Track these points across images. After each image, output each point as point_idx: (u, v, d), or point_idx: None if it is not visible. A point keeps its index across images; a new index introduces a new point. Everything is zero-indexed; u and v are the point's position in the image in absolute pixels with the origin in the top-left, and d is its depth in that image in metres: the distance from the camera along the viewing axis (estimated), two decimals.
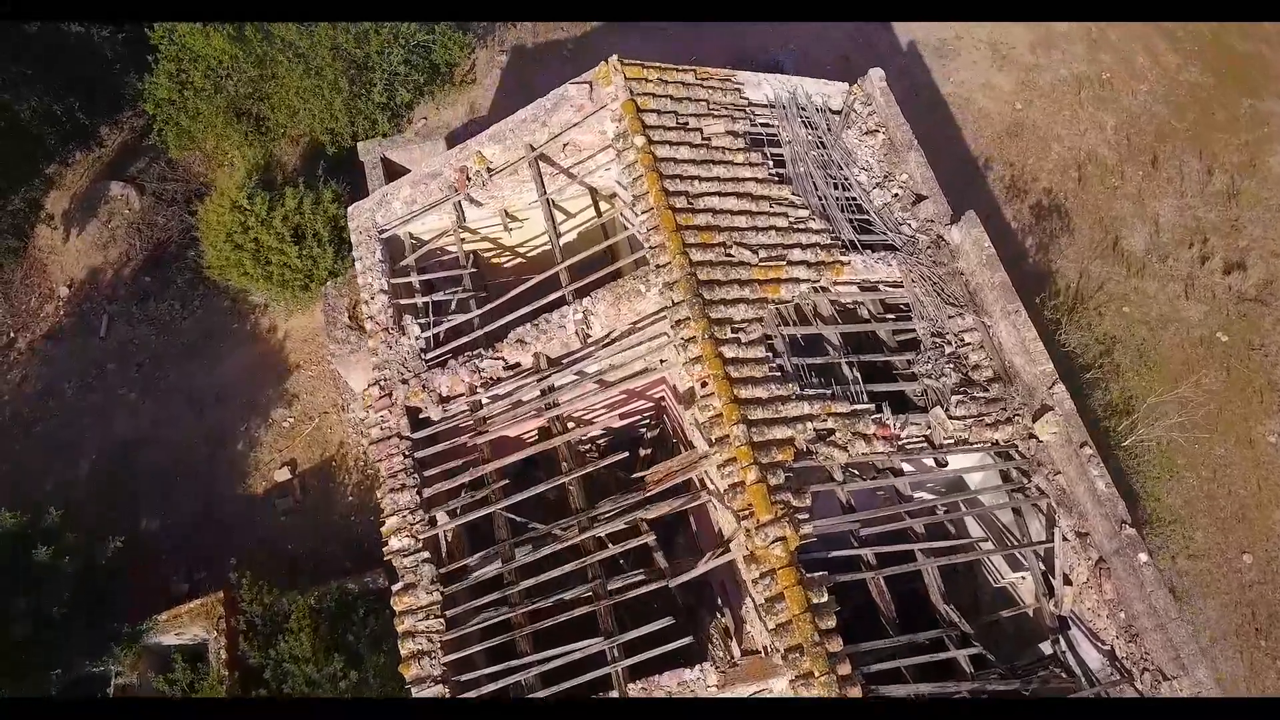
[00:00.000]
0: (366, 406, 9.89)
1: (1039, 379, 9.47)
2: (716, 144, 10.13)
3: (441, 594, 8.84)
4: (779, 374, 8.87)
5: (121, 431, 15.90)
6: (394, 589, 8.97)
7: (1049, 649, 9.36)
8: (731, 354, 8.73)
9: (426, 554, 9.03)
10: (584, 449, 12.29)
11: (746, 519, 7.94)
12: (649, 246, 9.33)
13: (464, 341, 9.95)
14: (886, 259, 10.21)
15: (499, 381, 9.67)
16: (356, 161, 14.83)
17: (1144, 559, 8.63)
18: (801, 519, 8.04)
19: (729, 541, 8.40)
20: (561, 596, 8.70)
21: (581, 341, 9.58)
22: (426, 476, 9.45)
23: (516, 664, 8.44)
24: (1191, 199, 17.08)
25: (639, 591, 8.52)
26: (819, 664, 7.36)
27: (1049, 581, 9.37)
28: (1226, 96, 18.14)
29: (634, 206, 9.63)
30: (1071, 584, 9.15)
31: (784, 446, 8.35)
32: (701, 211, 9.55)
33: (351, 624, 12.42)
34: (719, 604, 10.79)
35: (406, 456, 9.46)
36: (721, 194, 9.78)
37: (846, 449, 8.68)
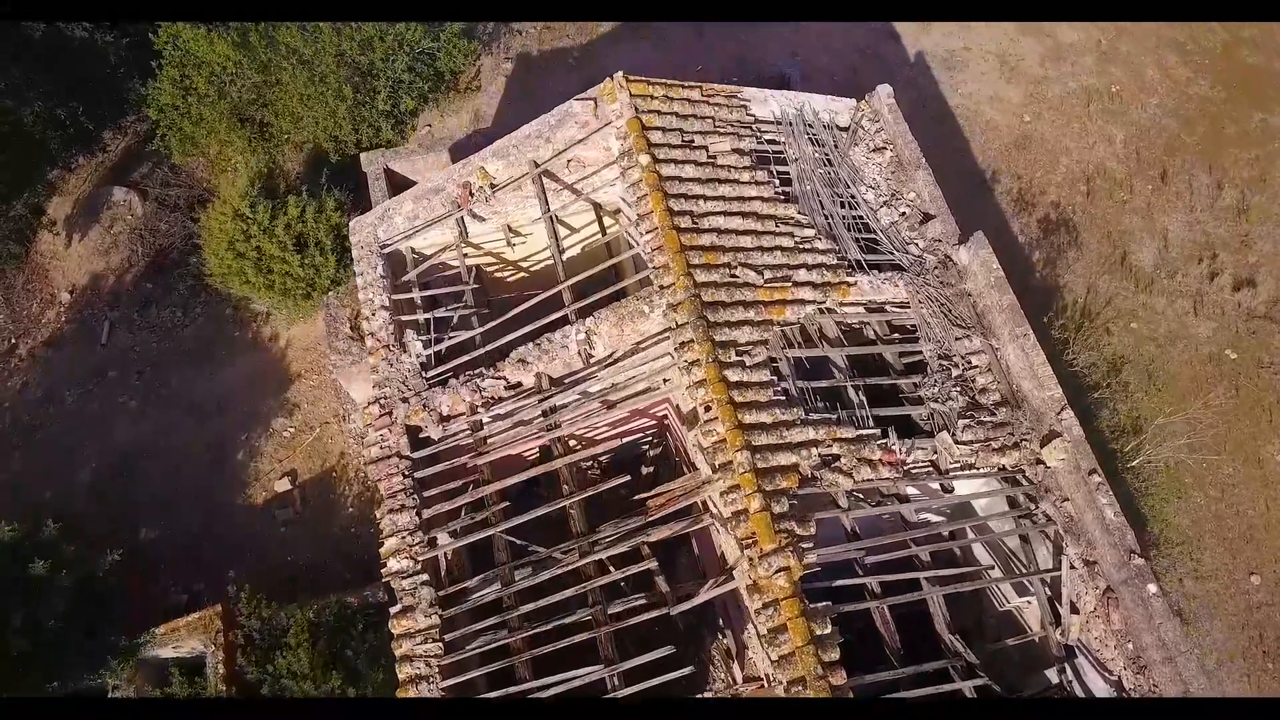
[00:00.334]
0: (366, 425, 9.79)
1: (1047, 404, 9.35)
2: (722, 162, 10.01)
3: (440, 617, 8.75)
4: (784, 398, 8.75)
5: (122, 440, 15.84)
6: (392, 611, 8.88)
7: (1055, 677, 9.24)
8: (736, 377, 8.61)
9: (425, 576, 8.94)
10: (585, 465, 12.18)
11: (749, 548, 7.83)
12: (653, 267, 9.22)
13: (465, 360, 9.85)
14: (893, 279, 10.08)
15: (500, 401, 9.57)
16: (360, 169, 14.76)
17: (1153, 590, 8.50)
18: (805, 548, 7.93)
19: (731, 569, 8.28)
20: (562, 621, 8.59)
21: (584, 362, 9.48)
22: (426, 497, 9.35)
23: (515, 690, 8.35)
24: (1201, 214, 16.93)
25: (640, 619, 8.40)
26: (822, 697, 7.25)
27: (1055, 609, 9.25)
28: (1237, 110, 17.98)
29: (638, 225, 9.52)
30: (1079, 612, 9.03)
31: (788, 473, 8.24)
32: (706, 231, 9.44)
33: (350, 639, 12.34)
34: (721, 624, 10.69)
35: (406, 476, 9.37)
36: (727, 213, 9.66)
37: (851, 475, 8.57)
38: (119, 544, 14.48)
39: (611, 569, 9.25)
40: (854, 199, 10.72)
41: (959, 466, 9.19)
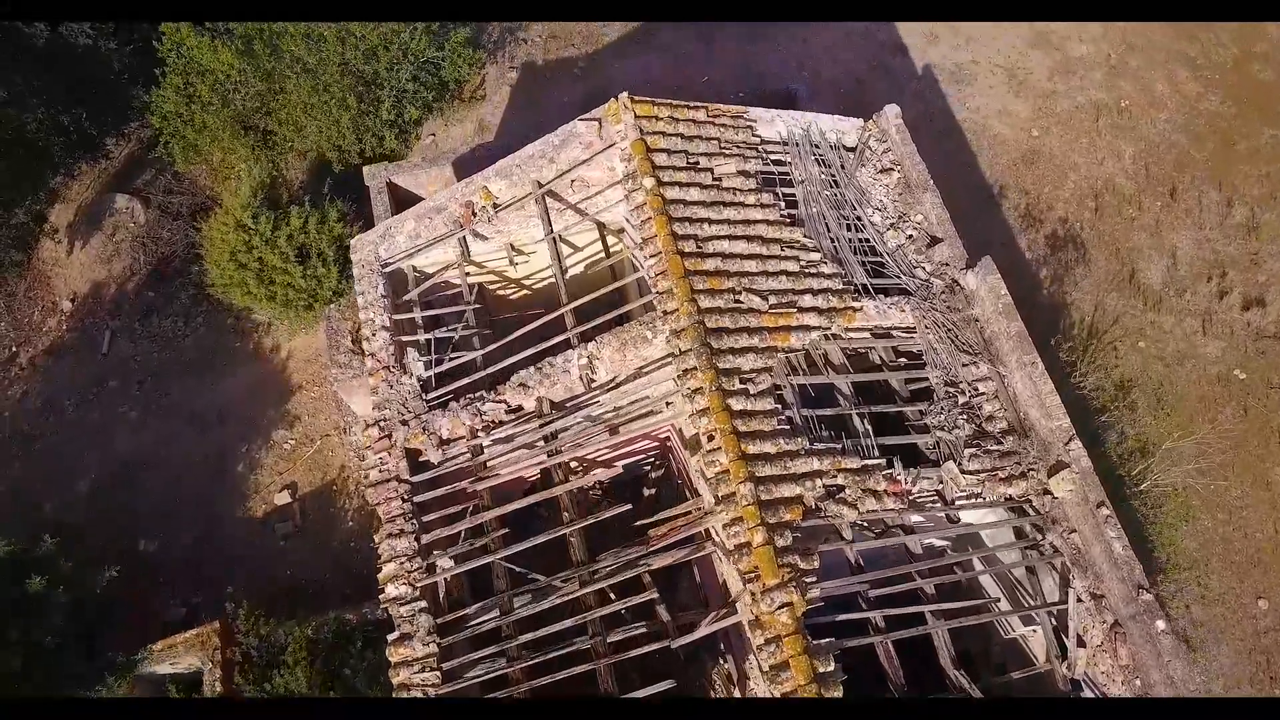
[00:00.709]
0: (365, 447, 9.69)
1: (1055, 434, 9.21)
2: (727, 184, 9.89)
3: (438, 645, 8.64)
4: (788, 427, 8.63)
5: (122, 450, 15.76)
6: (389, 639, 8.78)
7: None
8: (739, 406, 8.50)
9: (424, 603, 8.83)
10: (587, 487, 12.06)
11: (752, 582, 7.71)
12: (656, 292, 9.11)
13: (466, 383, 9.74)
14: (900, 304, 9.96)
15: (500, 425, 9.46)
16: (364, 179, 14.68)
17: (1162, 626, 8.37)
18: (809, 582, 7.81)
19: (734, 601, 8.16)
20: (561, 652, 8.48)
21: (585, 386, 9.37)
22: (425, 521, 9.25)
23: None
24: (1210, 231, 16.77)
25: (640, 651, 8.28)
26: None
27: (1062, 641, 9.13)
28: (1247, 126, 17.82)
29: (642, 248, 9.41)
30: (1085, 646, 8.90)
31: (792, 505, 8.12)
32: (711, 256, 9.32)
33: (349, 657, 12.25)
34: (722, 648, 10.58)
35: (405, 500, 9.27)
36: (732, 237, 9.54)
37: (856, 506, 8.45)
38: (118, 556, 14.48)
39: (612, 595, 9.16)
40: (860, 221, 10.60)
41: (965, 496, 9.07)
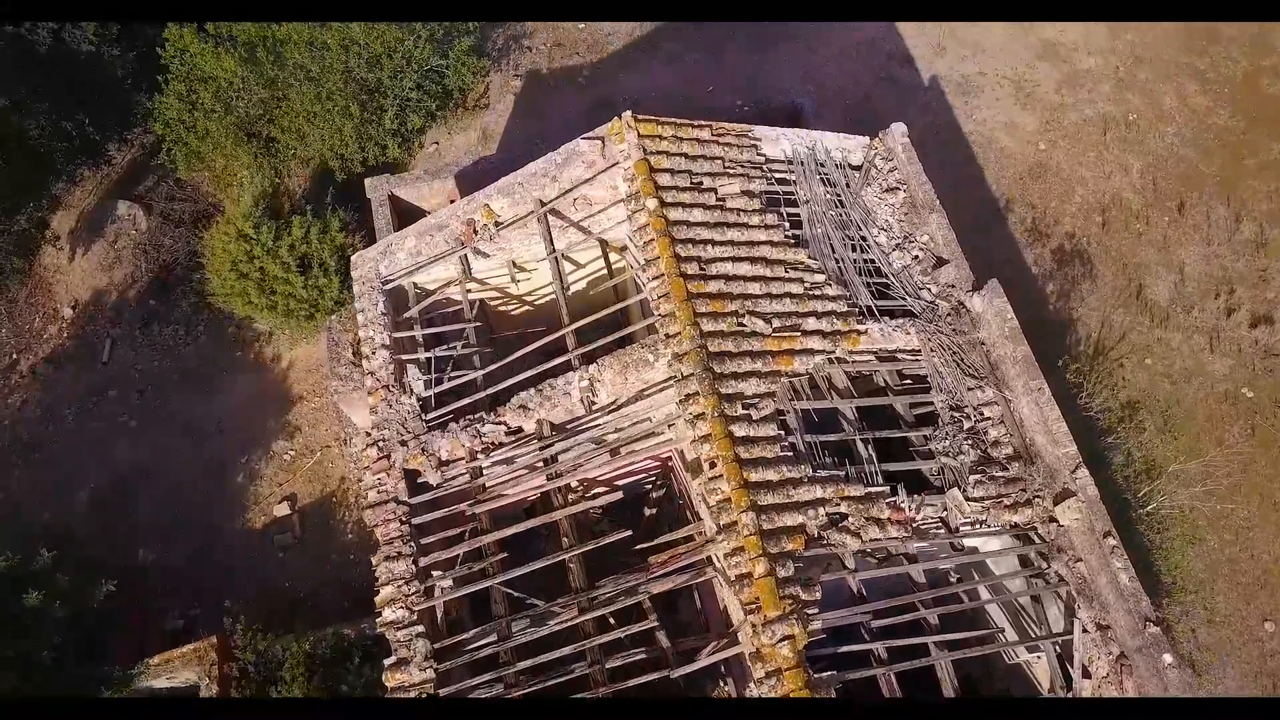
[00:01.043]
0: (364, 468, 9.60)
1: (1061, 461, 9.10)
2: (731, 205, 9.79)
3: (435, 671, 8.54)
4: (791, 453, 8.52)
5: (122, 459, 15.69)
6: (386, 664, 8.68)
7: None
8: (742, 432, 8.39)
9: (421, 628, 8.73)
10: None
11: (753, 613, 7.61)
12: (659, 315, 9.01)
13: (466, 403, 9.65)
14: (905, 326, 9.85)
15: (500, 447, 9.37)
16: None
17: (1169, 660, 8.25)
18: (810, 614, 7.70)
19: (735, 631, 8.06)
20: (560, 680, 8.38)
21: (586, 409, 9.27)
22: (424, 544, 9.16)
23: None
24: (1219, 247, 16.63)
25: (640, 680, 8.18)
26: None
27: (1066, 670, 9.01)
28: (1257, 141, 17.66)
29: (645, 270, 9.31)
30: (1090, 677, 8.78)
31: (794, 535, 8.02)
32: (714, 278, 9.22)
33: (347, 673, 12.17)
34: (723, 670, 10.48)
35: (403, 523, 9.17)
36: (735, 259, 9.44)
37: (859, 535, 8.34)
38: (117, 566, 14.44)
39: (612, 620, 9.06)
40: (865, 241, 10.49)
41: (970, 524, 8.96)
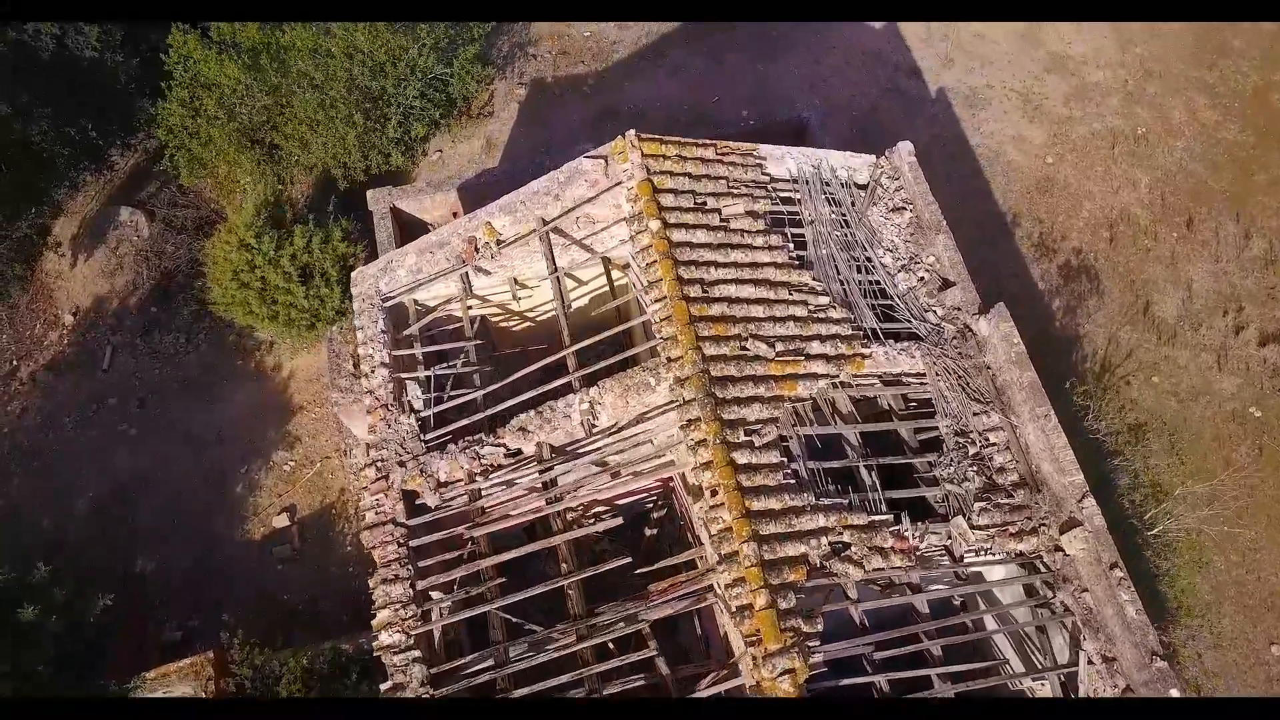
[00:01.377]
0: (362, 488, 9.51)
1: (1068, 490, 8.98)
2: (735, 226, 9.68)
3: (432, 698, 8.45)
4: (794, 481, 8.41)
5: (121, 468, 15.63)
6: (382, 689, 8.59)
7: None
8: (744, 460, 8.28)
9: (418, 652, 8.63)
10: (588, 524, 11.86)
11: (754, 646, 7.50)
12: (661, 338, 8.90)
13: (466, 423, 9.55)
14: (910, 349, 9.73)
15: (500, 469, 9.27)
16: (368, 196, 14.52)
17: (1176, 695, 8.13)
18: (812, 646, 7.60)
19: (735, 662, 7.96)
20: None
21: (587, 432, 9.16)
22: (421, 567, 9.06)
23: None
24: (1227, 264, 16.48)
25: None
26: None
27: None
28: (1267, 157, 17.51)
29: (647, 291, 9.20)
30: None
31: (796, 565, 7.91)
32: (717, 301, 9.11)
33: (344, 688, 12.09)
34: (724, 694, 10.37)
35: (401, 545, 9.07)
36: (739, 281, 9.33)
37: (862, 565, 8.23)
38: (115, 577, 14.40)
39: (611, 646, 8.96)
40: (870, 262, 10.38)
41: (974, 552, 8.85)
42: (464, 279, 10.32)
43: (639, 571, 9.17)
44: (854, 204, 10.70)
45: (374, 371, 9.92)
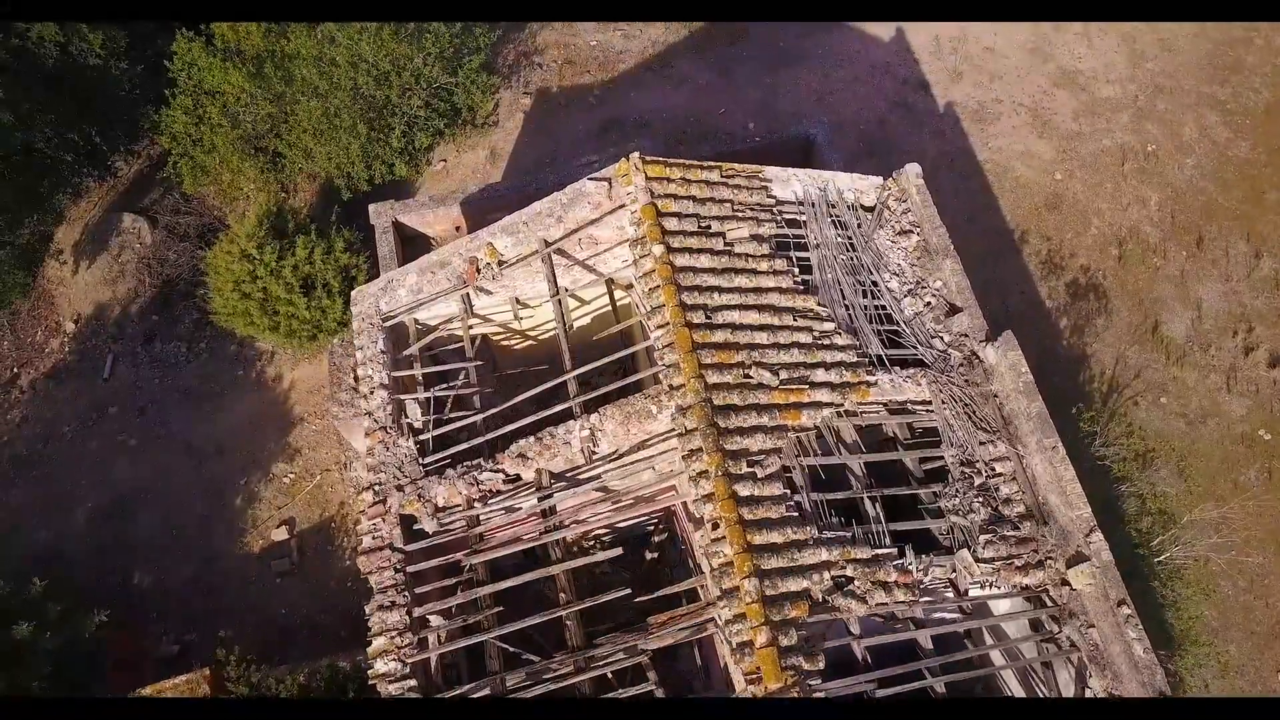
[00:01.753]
0: (360, 512, 9.40)
1: (1075, 524, 8.83)
2: (740, 250, 9.55)
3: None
4: (796, 513, 8.28)
5: (120, 479, 15.54)
6: None
7: None
8: (746, 492, 8.16)
9: (414, 681, 8.52)
10: (588, 544, 11.76)
11: (754, 684, 7.37)
12: (663, 365, 8.78)
13: (466, 447, 9.43)
14: (915, 376, 9.59)
15: (499, 495, 9.16)
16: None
17: None
18: (813, 684, 7.47)
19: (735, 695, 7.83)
20: None
21: (587, 459, 9.04)
22: (418, 593, 8.95)
23: None
24: (1238, 284, 16.31)
25: None
26: None
27: None
28: (1278, 175, 17.33)
29: (650, 317, 9.08)
30: None
31: (798, 601, 7.78)
32: (720, 327, 8.98)
33: None
34: None
35: (398, 571, 8.96)
36: (743, 307, 9.20)
37: (865, 600, 8.10)
38: (112, 588, 14.31)
39: (610, 674, 8.84)
40: (876, 287, 10.24)
41: (979, 586, 8.71)
42: (465, 299, 10.20)
43: (638, 600, 9.04)
44: (860, 227, 10.57)
45: (373, 393, 9.81)
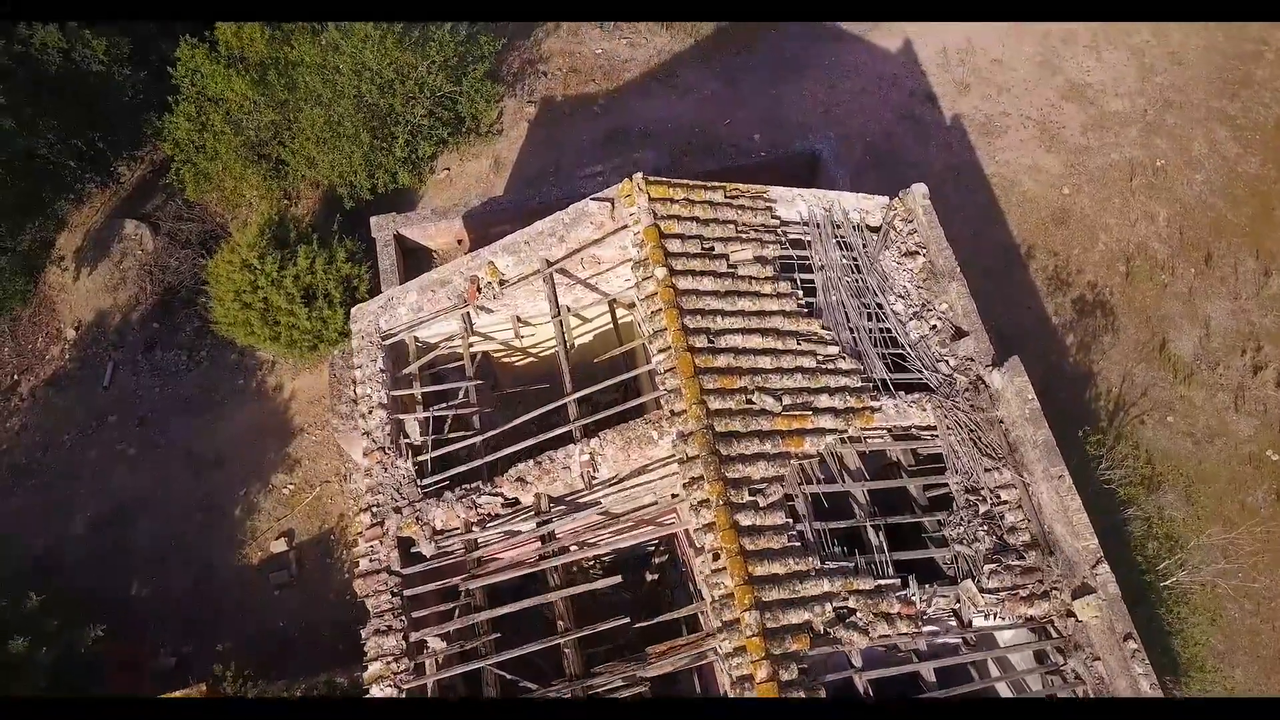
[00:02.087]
0: (357, 534, 9.30)
1: (1081, 554, 8.71)
2: (743, 272, 9.43)
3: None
4: (799, 543, 8.17)
5: (119, 489, 15.47)
6: None
7: None
8: (748, 521, 8.05)
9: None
10: (587, 564, 11.65)
11: None
12: (665, 389, 8.67)
13: (465, 469, 9.34)
14: (920, 401, 9.47)
15: (497, 518, 9.06)
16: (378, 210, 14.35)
17: None
18: None
19: None
20: None
21: (586, 484, 8.94)
22: (415, 618, 8.85)
23: None
24: (1246, 301, 16.16)
25: None
26: None
27: None
28: None
29: (651, 340, 8.97)
30: None
31: (799, 634, 7.67)
32: (723, 351, 8.87)
33: None
34: None
35: (395, 595, 8.86)
36: (746, 330, 9.08)
37: (867, 632, 7.98)
38: (109, 599, 14.23)
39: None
40: (881, 309, 10.12)
41: (984, 617, 8.59)
42: (466, 317, 10.11)
43: (638, 626, 8.94)
44: (866, 248, 10.45)
45: (371, 412, 9.72)
